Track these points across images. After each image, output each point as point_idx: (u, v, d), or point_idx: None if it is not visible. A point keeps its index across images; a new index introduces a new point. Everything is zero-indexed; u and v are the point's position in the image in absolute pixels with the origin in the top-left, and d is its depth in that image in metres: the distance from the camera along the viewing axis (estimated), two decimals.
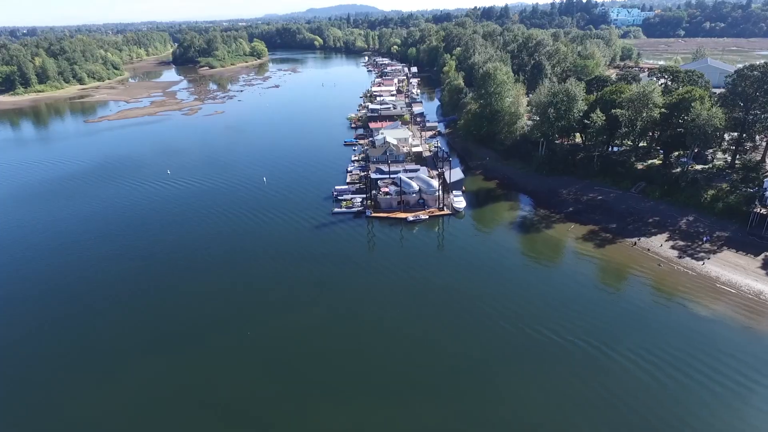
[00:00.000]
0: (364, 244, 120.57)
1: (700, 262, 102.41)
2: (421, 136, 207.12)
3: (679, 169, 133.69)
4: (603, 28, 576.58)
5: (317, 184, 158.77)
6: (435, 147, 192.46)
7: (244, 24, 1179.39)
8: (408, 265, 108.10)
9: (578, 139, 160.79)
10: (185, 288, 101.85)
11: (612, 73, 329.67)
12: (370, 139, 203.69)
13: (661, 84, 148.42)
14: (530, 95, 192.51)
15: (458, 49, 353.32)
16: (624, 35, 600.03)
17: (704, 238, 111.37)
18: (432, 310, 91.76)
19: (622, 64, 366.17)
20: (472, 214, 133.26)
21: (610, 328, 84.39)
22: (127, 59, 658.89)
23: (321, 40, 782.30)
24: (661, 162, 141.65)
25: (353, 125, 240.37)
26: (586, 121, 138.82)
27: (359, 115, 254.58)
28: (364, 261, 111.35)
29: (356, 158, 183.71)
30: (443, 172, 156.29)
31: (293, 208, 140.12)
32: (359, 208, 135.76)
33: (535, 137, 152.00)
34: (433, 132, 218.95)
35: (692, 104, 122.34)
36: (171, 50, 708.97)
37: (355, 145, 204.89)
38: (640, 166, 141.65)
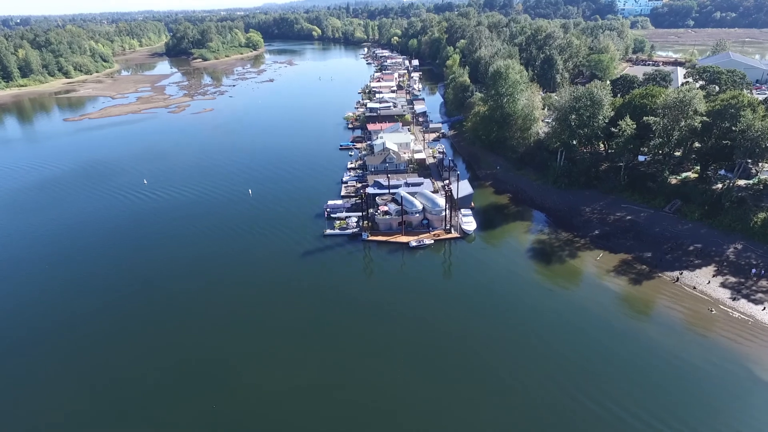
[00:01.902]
0: (361, 276, 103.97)
1: (760, 307, 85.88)
2: (424, 139, 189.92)
3: (719, 186, 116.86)
4: (610, 18, 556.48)
5: (308, 198, 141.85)
6: (439, 152, 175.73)
7: (241, 13, 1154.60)
8: (412, 305, 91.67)
9: (600, 146, 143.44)
10: (141, 338, 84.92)
11: (624, 67, 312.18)
12: (368, 143, 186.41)
13: (699, 86, 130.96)
14: (542, 93, 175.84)
15: (462, 41, 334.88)
16: (631, 26, 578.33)
17: (753, 272, 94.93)
18: (441, 366, 75.65)
19: (634, 57, 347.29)
20: (483, 238, 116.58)
21: (662, 397, 68.13)
22: (119, 50, 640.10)
23: (319, 31, 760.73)
24: (697, 176, 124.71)
25: (350, 125, 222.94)
26: (613, 129, 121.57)
27: (357, 114, 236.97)
28: (360, 299, 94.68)
29: (352, 165, 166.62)
30: (449, 185, 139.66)
31: (280, 228, 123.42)
32: (354, 230, 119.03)
33: (553, 146, 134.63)
34: (437, 134, 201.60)
35: (741, 112, 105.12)
36: (165, 41, 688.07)
37: (351, 149, 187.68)
38: (673, 180, 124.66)
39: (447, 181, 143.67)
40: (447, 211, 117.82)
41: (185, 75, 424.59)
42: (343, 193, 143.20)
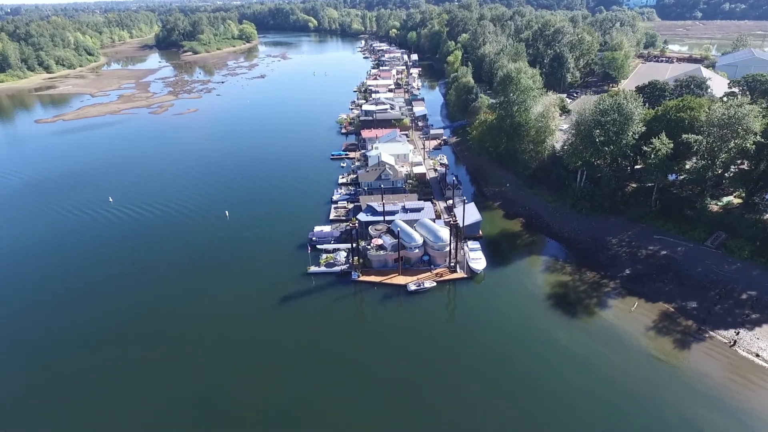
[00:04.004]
0: (349, 332, 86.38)
1: None
2: (424, 148, 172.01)
3: None
4: (615, 9, 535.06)
5: (292, 221, 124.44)
6: (441, 164, 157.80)
7: (237, 3, 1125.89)
8: (410, 374, 75.09)
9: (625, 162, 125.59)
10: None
11: (636, 64, 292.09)
12: (362, 152, 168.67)
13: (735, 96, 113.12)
14: (551, 93, 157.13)
15: (464, 35, 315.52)
16: None
17: None
18: None
19: (646, 52, 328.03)
20: (494, 278, 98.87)
21: None
22: (108, 42, 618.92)
23: (315, 22, 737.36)
24: (741, 201, 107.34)
25: (344, 130, 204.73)
26: (645, 148, 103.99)
27: (351, 116, 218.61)
28: (348, 365, 77.80)
29: (344, 180, 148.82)
30: (454, 207, 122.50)
31: (257, 263, 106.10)
32: (343, 267, 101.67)
33: (573, 165, 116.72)
34: (438, 141, 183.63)
35: None
36: (156, 32, 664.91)
37: (343, 159, 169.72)
38: (714, 206, 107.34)
39: (451, 202, 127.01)
40: (452, 245, 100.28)
41: (173, 70, 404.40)
42: (332, 216, 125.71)
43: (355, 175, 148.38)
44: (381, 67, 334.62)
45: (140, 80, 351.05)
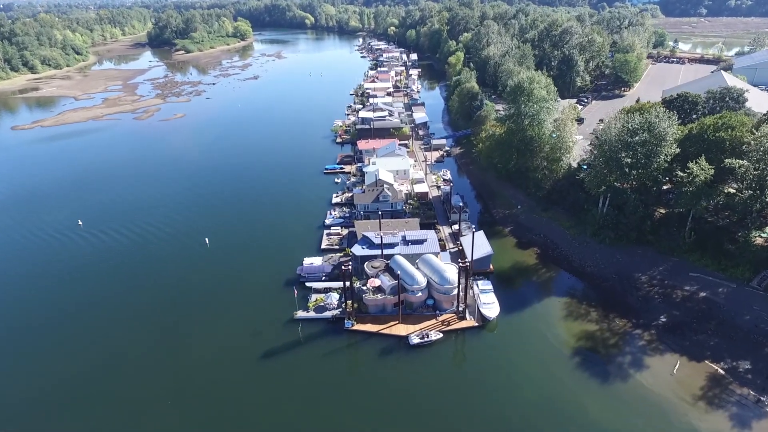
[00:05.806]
0: (340, 394, 73.07)
1: None
2: (426, 161, 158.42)
3: None
4: (618, 6, 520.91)
5: (280, 249, 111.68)
6: (444, 180, 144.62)
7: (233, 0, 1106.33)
8: None
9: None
10: None
11: (645, 65, 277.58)
12: (358, 165, 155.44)
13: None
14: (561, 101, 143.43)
15: (465, 35, 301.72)
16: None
17: None
18: None
19: (655, 53, 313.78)
20: (508, 326, 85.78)
21: None
22: (100, 40, 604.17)
23: (312, 19, 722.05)
24: None
25: (339, 139, 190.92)
26: (681, 173, 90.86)
27: (347, 123, 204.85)
28: None
29: (338, 199, 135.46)
30: (460, 234, 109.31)
31: (238, 306, 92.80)
32: (335, 311, 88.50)
33: (596, 191, 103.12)
34: (441, 153, 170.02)
35: None
36: (149, 30, 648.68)
37: (338, 173, 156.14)
38: (758, 239, 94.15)
39: (456, 227, 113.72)
40: (460, 287, 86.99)
41: (164, 70, 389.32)
42: (324, 245, 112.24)
43: (350, 194, 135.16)
44: (379, 68, 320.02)
45: (128, 81, 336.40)
